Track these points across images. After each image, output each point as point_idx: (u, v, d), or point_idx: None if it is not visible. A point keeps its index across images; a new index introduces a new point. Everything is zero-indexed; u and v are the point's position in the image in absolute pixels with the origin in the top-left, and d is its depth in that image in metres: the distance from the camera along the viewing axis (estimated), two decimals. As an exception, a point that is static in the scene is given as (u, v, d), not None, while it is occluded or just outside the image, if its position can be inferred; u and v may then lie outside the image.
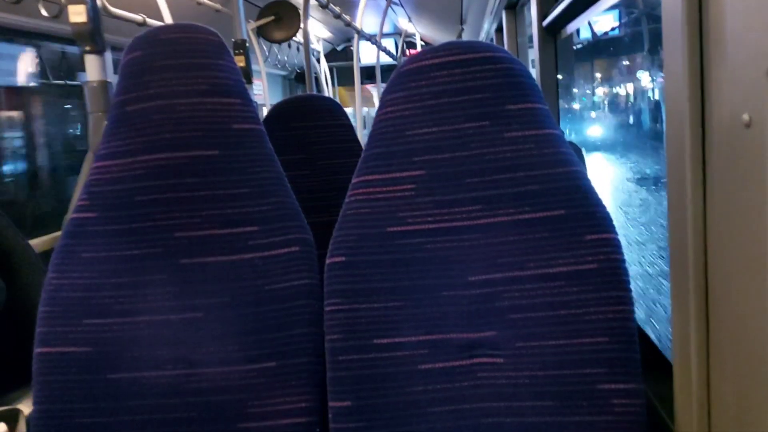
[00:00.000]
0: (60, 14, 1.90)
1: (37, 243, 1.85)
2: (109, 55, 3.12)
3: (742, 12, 0.59)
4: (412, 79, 0.93)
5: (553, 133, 0.90)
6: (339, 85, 9.26)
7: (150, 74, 0.98)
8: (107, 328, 0.96)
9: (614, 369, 0.85)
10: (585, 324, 0.86)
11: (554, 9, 1.86)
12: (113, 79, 1.10)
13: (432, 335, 0.90)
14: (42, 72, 3.16)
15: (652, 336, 1.17)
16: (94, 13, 1.36)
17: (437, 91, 0.91)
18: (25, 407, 0.99)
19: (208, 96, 0.98)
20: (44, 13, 2.11)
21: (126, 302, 0.97)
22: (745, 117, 0.58)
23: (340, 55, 8.98)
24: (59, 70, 3.26)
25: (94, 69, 1.41)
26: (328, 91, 7.65)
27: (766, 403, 0.59)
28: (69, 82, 3.38)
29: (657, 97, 2.85)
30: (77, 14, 1.35)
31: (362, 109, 6.22)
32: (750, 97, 0.57)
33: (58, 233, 1.39)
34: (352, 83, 5.89)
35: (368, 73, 7.89)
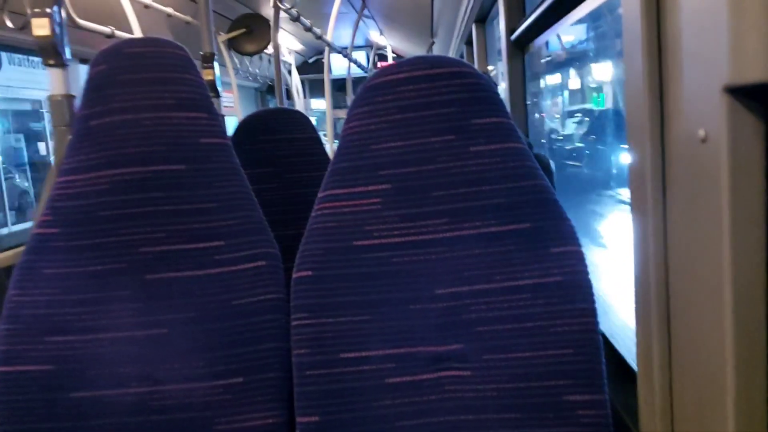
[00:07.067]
0: (26, 26, 1.87)
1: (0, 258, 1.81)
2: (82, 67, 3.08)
3: (697, 30, 0.60)
4: (378, 93, 0.93)
5: (518, 147, 0.91)
6: (311, 97, 9.27)
7: (115, 88, 0.97)
8: (70, 345, 0.94)
9: (579, 380, 0.86)
10: (551, 336, 0.86)
11: (522, 23, 1.89)
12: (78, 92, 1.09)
13: (399, 349, 0.90)
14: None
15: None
16: (58, 26, 1.35)
17: (403, 106, 0.92)
18: None
19: (174, 110, 0.97)
20: (9, 24, 2.09)
21: (89, 319, 0.95)
22: (701, 132, 0.59)
23: (312, 67, 8.98)
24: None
25: (57, 83, 1.39)
26: (300, 103, 7.64)
27: (724, 411, 0.60)
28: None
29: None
30: (41, 27, 1.33)
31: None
32: (705, 112, 0.59)
33: (21, 248, 1.37)
34: (324, 95, 5.90)
35: (340, 86, 7.92)
